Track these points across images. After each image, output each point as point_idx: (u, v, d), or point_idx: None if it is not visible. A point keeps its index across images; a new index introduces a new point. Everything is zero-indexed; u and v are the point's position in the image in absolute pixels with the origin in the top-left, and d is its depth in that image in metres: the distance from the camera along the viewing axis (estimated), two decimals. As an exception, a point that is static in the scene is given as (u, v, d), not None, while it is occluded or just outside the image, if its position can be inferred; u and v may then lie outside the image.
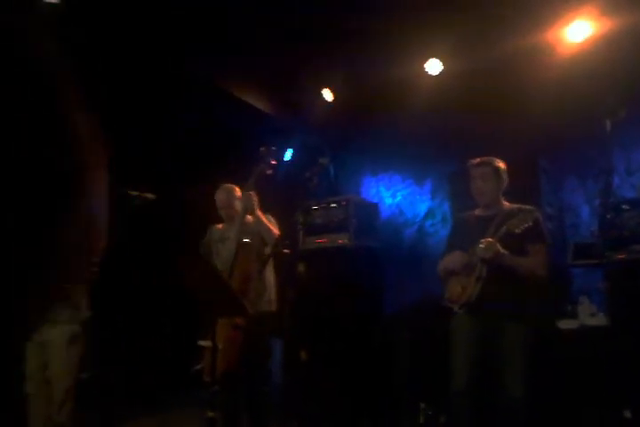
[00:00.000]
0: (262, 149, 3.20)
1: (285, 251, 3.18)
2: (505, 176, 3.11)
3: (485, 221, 3.03)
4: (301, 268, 4.19)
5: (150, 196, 3.37)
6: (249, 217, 3.35)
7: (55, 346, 3.30)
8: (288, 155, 5.19)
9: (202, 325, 3.11)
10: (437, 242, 4.75)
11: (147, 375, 4.54)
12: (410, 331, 4.10)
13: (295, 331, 4.05)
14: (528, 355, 2.84)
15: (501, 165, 3.11)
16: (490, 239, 2.86)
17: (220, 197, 3.47)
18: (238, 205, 3.38)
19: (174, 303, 3.43)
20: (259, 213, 3.30)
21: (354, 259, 4.44)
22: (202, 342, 3.10)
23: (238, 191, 3.46)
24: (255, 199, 3.26)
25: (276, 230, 3.31)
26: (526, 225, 2.83)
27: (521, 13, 4.08)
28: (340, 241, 4.50)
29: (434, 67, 4.72)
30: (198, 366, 3.11)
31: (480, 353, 2.89)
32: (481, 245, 2.86)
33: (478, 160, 3.12)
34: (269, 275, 3.43)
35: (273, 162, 3.18)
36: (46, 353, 3.31)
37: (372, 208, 4.96)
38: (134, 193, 3.33)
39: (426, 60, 4.72)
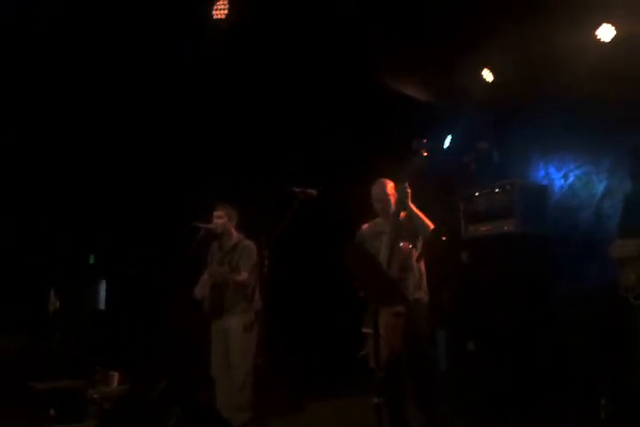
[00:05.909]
0: (413, 141, 3.22)
1: (443, 239, 3.17)
2: None
3: None
4: (464, 257, 4.13)
5: (312, 191, 3.57)
6: (402, 211, 3.39)
7: (234, 333, 3.75)
8: (447, 142, 5.09)
9: (365, 312, 3.25)
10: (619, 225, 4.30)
11: (317, 363, 4.81)
12: (586, 322, 3.82)
13: (461, 321, 4.01)
14: None
15: None
16: None
17: (375, 190, 3.55)
18: (392, 199, 3.44)
19: (338, 293, 3.61)
20: (412, 206, 3.33)
21: (521, 247, 4.23)
22: (365, 330, 3.23)
23: (392, 185, 3.51)
24: (409, 192, 3.29)
25: (429, 223, 3.32)
26: None
27: None
28: (505, 228, 4.32)
29: (606, 33, 4.31)
30: (363, 353, 3.24)
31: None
32: None
33: None
34: (422, 265, 3.45)
35: (425, 154, 3.17)
36: (228, 340, 3.77)
37: (541, 192, 4.67)
38: (298, 189, 3.56)
39: (597, 26, 4.31)
